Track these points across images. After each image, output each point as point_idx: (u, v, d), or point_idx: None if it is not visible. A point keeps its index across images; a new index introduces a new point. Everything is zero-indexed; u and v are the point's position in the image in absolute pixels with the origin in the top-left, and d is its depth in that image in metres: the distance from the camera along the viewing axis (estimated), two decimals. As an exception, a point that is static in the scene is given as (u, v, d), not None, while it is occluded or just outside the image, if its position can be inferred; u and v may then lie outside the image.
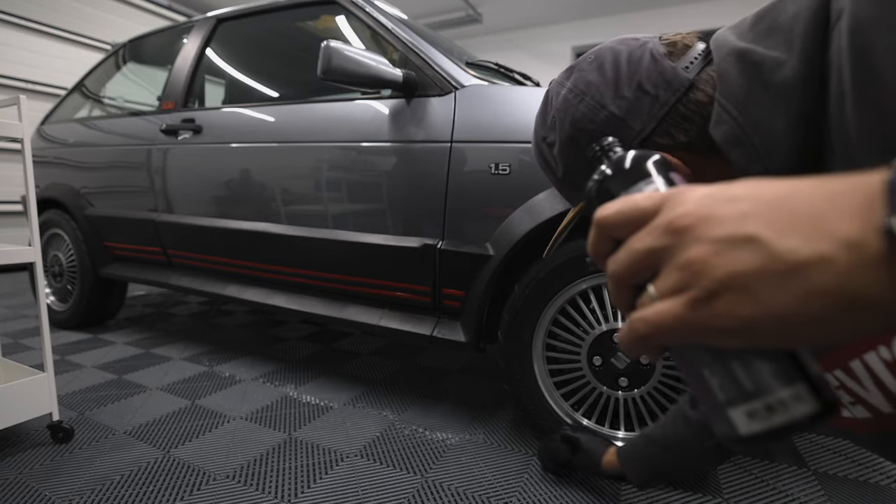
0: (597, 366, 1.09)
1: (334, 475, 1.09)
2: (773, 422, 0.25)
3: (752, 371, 0.26)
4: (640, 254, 0.26)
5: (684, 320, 0.24)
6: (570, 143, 0.51)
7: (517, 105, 1.18)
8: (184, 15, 5.22)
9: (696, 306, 0.24)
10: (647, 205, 0.27)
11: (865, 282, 0.21)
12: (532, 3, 5.15)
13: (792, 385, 0.25)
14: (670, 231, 0.25)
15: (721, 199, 0.24)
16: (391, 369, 1.78)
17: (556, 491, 1.05)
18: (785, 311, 0.22)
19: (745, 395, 0.26)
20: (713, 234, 0.24)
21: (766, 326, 0.23)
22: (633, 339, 0.26)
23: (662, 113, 0.46)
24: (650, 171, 0.33)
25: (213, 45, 1.95)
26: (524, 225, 1.12)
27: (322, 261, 1.47)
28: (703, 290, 0.24)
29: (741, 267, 0.23)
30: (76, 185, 2.18)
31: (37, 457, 1.16)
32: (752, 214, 0.23)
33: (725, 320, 0.23)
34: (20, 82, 3.90)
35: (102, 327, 2.31)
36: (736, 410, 0.26)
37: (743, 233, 0.23)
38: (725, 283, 0.23)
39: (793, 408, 0.25)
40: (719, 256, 0.23)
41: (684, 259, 0.24)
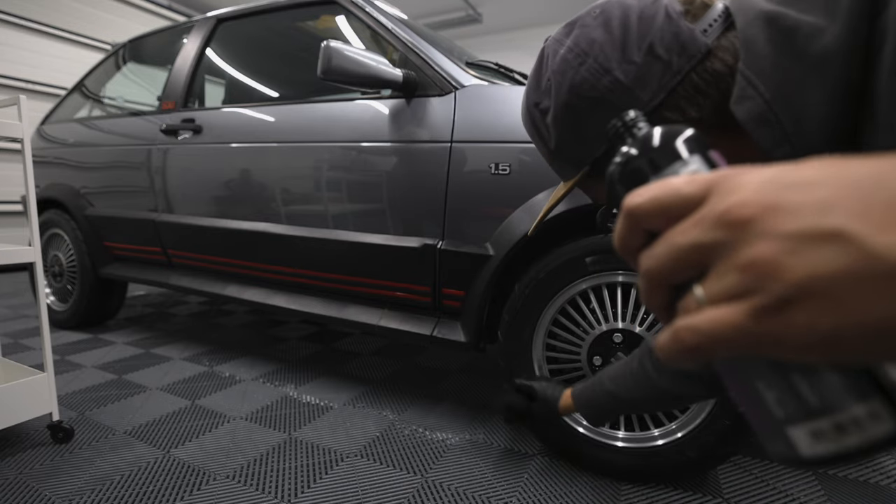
0: (597, 366, 1.09)
1: (334, 475, 1.09)
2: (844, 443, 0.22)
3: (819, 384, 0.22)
4: (685, 250, 0.22)
5: (747, 332, 0.20)
6: (567, 112, 0.45)
7: (517, 105, 1.18)
8: (184, 15, 5.22)
9: (763, 316, 0.20)
10: (690, 190, 0.23)
11: None
12: (532, 3, 5.15)
13: (867, 401, 0.22)
14: (725, 223, 0.21)
15: (791, 183, 0.20)
16: (391, 369, 1.78)
17: (556, 491, 1.05)
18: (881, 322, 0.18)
19: (809, 412, 0.22)
20: (785, 228, 0.20)
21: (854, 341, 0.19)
22: (679, 350, 0.22)
23: (675, 83, 0.40)
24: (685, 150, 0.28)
25: (213, 45, 1.95)
26: (524, 225, 1.12)
27: (322, 261, 1.47)
28: (774, 297, 0.20)
29: (825, 269, 0.19)
30: (76, 185, 2.18)
31: (37, 457, 1.16)
32: (836, 203, 0.19)
33: (802, 333, 0.19)
34: (20, 82, 3.90)
35: (102, 327, 2.31)
36: (797, 430, 0.23)
37: (826, 227, 0.19)
38: (805, 288, 0.19)
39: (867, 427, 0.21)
40: (795, 256, 0.19)
41: (747, 258, 0.20)
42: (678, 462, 1.04)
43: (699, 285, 0.22)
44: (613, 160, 0.30)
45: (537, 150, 1.17)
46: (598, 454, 1.09)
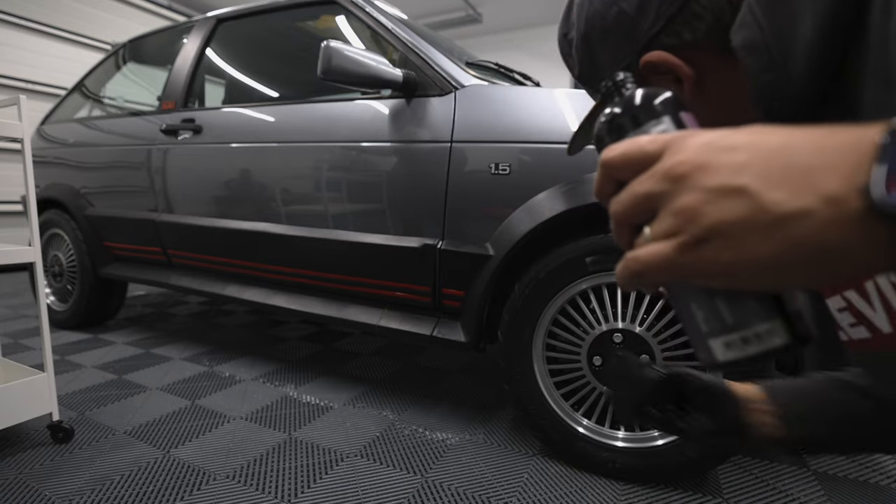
0: (597, 366, 1.09)
1: (334, 475, 1.09)
2: (746, 351, 0.29)
3: (733, 307, 0.29)
4: (640, 197, 0.28)
5: (672, 262, 0.26)
6: (584, 41, 0.49)
7: (517, 105, 1.18)
8: (184, 15, 5.22)
9: (683, 250, 0.26)
10: (651, 149, 0.28)
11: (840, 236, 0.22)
12: (532, 3, 5.15)
13: (766, 321, 0.28)
14: (669, 177, 0.27)
15: (720, 147, 0.25)
16: (391, 369, 1.78)
17: (556, 491, 1.05)
18: (765, 258, 0.24)
19: (724, 329, 0.29)
20: (707, 183, 0.25)
21: (745, 272, 0.25)
22: (627, 275, 0.29)
23: (672, 10, 0.43)
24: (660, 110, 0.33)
25: (213, 45, 1.95)
26: (524, 225, 1.12)
27: (322, 261, 1.47)
28: (692, 236, 0.25)
29: (728, 216, 0.24)
30: (76, 185, 2.18)
31: (37, 457, 1.16)
32: (747, 165, 0.24)
33: (709, 264, 0.25)
34: (20, 82, 3.90)
35: (102, 327, 2.31)
36: (715, 341, 0.30)
37: (735, 184, 0.24)
38: (713, 229, 0.25)
39: (766, 340, 0.28)
40: (709, 205, 0.25)
41: (678, 205, 0.26)
42: (678, 462, 1.04)
43: (648, 226, 0.28)
44: (602, 115, 0.35)
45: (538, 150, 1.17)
46: (599, 454, 1.09)
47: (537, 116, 1.15)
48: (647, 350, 1.04)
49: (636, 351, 1.05)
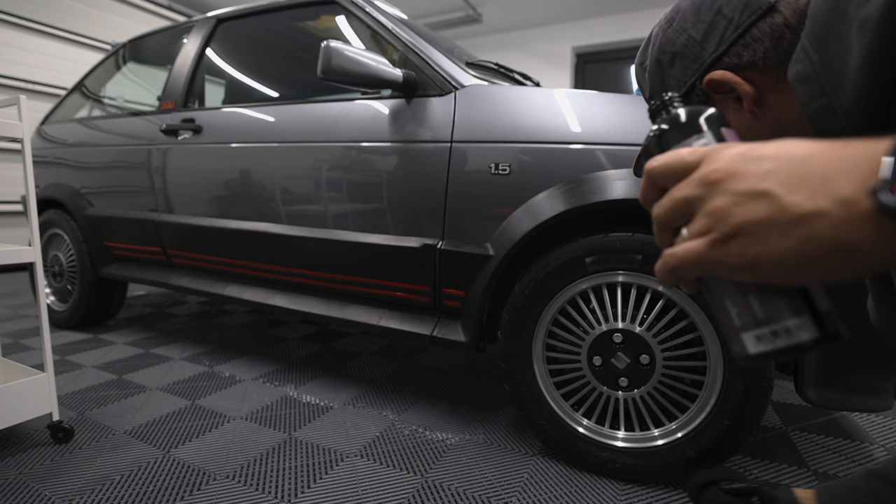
0: (597, 366, 1.09)
1: (334, 475, 1.09)
2: (776, 344, 0.31)
3: (765, 304, 0.31)
4: (678, 201, 0.32)
5: (704, 257, 0.30)
6: (657, 66, 0.55)
7: (517, 105, 1.18)
8: (184, 15, 5.22)
9: (714, 246, 0.29)
10: (691, 159, 0.32)
11: (852, 233, 0.25)
12: (532, 3, 5.15)
13: (795, 317, 0.31)
14: (704, 183, 0.30)
15: (750, 157, 0.29)
16: (391, 369, 1.78)
17: (556, 491, 1.05)
18: (786, 253, 0.27)
19: (756, 323, 0.32)
20: (736, 187, 0.29)
21: (768, 265, 0.28)
22: (665, 270, 0.32)
23: (736, 35, 0.48)
24: (702, 126, 0.37)
25: (213, 45, 1.95)
26: (524, 225, 1.12)
27: (322, 261, 1.47)
28: (721, 234, 0.29)
29: (754, 216, 0.28)
30: (76, 185, 2.18)
31: (37, 457, 1.16)
32: (773, 172, 0.28)
33: (736, 258, 0.29)
34: (20, 82, 3.90)
35: (102, 327, 2.31)
36: (748, 335, 0.32)
37: (760, 188, 0.28)
38: (740, 228, 0.28)
39: (795, 334, 0.31)
40: (738, 206, 0.28)
41: (711, 207, 0.30)
42: (678, 462, 1.04)
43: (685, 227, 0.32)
44: (650, 130, 0.40)
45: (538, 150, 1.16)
46: (599, 454, 1.10)
47: (537, 116, 1.15)
48: (647, 350, 1.04)
49: (636, 351, 1.05)
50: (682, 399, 1.05)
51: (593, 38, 5.44)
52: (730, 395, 0.98)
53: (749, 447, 1.23)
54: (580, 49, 5.64)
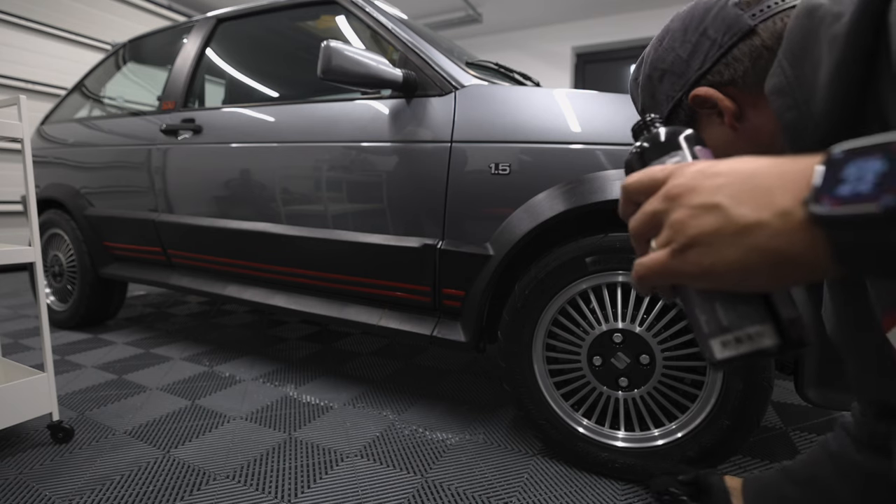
0: (597, 366, 1.09)
1: (334, 475, 1.09)
2: (739, 350, 0.33)
3: (729, 311, 0.34)
4: (648, 215, 0.35)
5: (666, 266, 0.33)
6: (647, 81, 0.59)
7: (517, 105, 1.18)
8: (184, 15, 5.22)
9: (674, 256, 0.32)
10: (660, 176, 0.35)
11: (788, 242, 0.27)
12: (532, 3, 5.15)
13: (756, 325, 0.33)
14: (667, 198, 0.33)
15: (707, 173, 0.32)
16: (391, 369, 1.78)
17: (556, 491, 1.05)
18: (734, 262, 0.29)
19: (721, 329, 0.34)
20: (693, 201, 0.31)
21: (721, 273, 0.30)
22: (636, 279, 0.35)
23: (718, 55, 0.51)
24: (678, 145, 0.40)
25: (213, 45, 1.95)
26: (524, 225, 1.12)
27: (322, 261, 1.47)
28: (680, 244, 0.32)
29: (706, 227, 0.30)
30: (76, 185, 2.18)
31: (37, 457, 1.16)
32: (724, 186, 0.30)
33: (693, 267, 0.31)
34: (20, 82, 3.90)
35: (102, 327, 2.31)
36: (714, 341, 0.35)
37: (712, 201, 0.30)
38: (695, 239, 0.31)
39: (756, 341, 0.33)
40: (693, 219, 0.31)
41: (671, 220, 0.32)
42: (678, 462, 1.04)
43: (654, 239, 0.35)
44: (632, 148, 0.43)
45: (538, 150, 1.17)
46: (599, 454, 1.09)
47: (537, 116, 1.15)
48: (647, 350, 1.04)
49: (636, 351, 1.05)
50: (682, 399, 1.05)
51: (593, 38, 5.44)
52: (730, 395, 0.98)
53: (749, 447, 1.23)
54: (580, 49, 5.64)
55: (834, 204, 0.25)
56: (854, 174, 0.25)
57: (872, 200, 0.24)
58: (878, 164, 0.25)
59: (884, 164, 0.24)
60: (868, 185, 0.25)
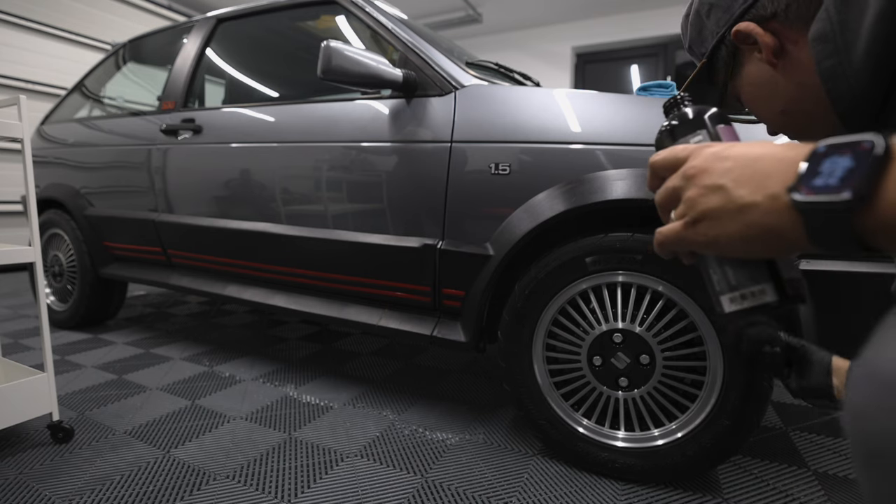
0: (597, 366, 1.09)
1: (334, 475, 1.09)
2: (743, 305, 0.40)
3: (737, 273, 0.40)
4: (669, 190, 0.40)
5: (680, 235, 0.38)
6: (696, 17, 0.59)
7: (517, 105, 1.18)
8: (184, 15, 5.22)
9: (687, 227, 0.38)
10: (682, 155, 0.40)
11: (776, 221, 0.32)
12: (532, 3, 5.15)
13: (759, 283, 0.39)
14: (685, 177, 0.38)
15: (719, 157, 0.36)
16: (391, 369, 1.78)
17: (556, 491, 1.05)
18: (734, 234, 0.34)
19: (730, 287, 0.40)
20: (704, 182, 0.36)
21: (724, 243, 0.35)
22: (656, 244, 0.41)
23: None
24: (701, 124, 0.44)
25: (213, 45, 1.95)
26: (524, 225, 1.12)
27: (322, 261, 1.47)
28: (692, 218, 0.37)
29: (713, 205, 0.35)
30: (76, 185, 2.18)
31: (37, 457, 1.16)
32: (730, 170, 0.35)
33: (702, 237, 0.37)
34: (20, 82, 3.90)
35: (102, 327, 2.31)
36: (724, 297, 0.41)
37: (718, 183, 0.35)
38: (704, 213, 0.36)
39: (759, 297, 0.39)
40: (703, 197, 0.36)
41: (686, 196, 0.37)
42: (678, 462, 1.04)
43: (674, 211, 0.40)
44: (662, 125, 0.47)
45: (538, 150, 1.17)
46: (599, 454, 1.10)
47: (537, 116, 1.15)
48: (647, 350, 1.04)
49: (636, 351, 1.05)
50: (682, 399, 1.05)
51: (593, 38, 5.44)
52: (730, 395, 0.98)
53: (749, 447, 1.24)
54: (580, 49, 5.64)
55: (808, 192, 0.30)
56: (828, 168, 0.29)
57: (836, 192, 0.28)
58: (847, 161, 0.29)
59: (851, 161, 0.28)
60: (835, 179, 0.28)
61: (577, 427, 1.12)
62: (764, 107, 0.55)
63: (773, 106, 0.53)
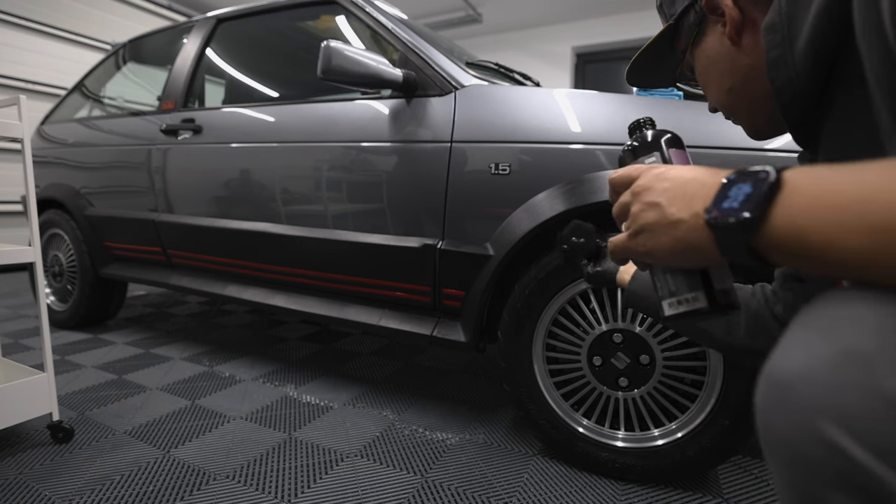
0: (597, 366, 1.09)
1: (334, 475, 1.09)
2: (679, 309, 0.45)
3: (675, 280, 0.45)
4: (621, 205, 0.45)
5: (626, 245, 0.44)
6: None
7: (517, 105, 1.18)
8: (184, 15, 5.22)
9: (630, 239, 0.43)
10: (634, 174, 0.44)
11: (696, 237, 0.36)
12: (532, 3, 5.15)
13: (693, 291, 0.44)
14: (633, 193, 0.43)
15: (660, 178, 0.41)
16: (391, 369, 1.78)
17: (556, 491, 1.05)
18: (666, 246, 0.39)
19: (669, 293, 0.46)
20: (645, 199, 0.41)
21: (658, 254, 0.40)
22: (609, 251, 0.46)
23: None
24: (656, 147, 0.49)
25: (213, 45, 1.95)
26: (524, 225, 1.12)
27: (322, 261, 1.47)
28: (633, 231, 0.42)
29: (650, 220, 0.40)
30: (76, 185, 2.18)
31: (37, 457, 1.16)
32: (667, 190, 0.40)
33: (641, 248, 0.42)
34: (20, 82, 3.90)
35: (102, 327, 2.31)
36: (664, 301, 0.46)
37: (656, 200, 0.40)
38: (643, 226, 0.41)
39: (692, 303, 0.44)
40: (643, 212, 0.41)
41: (632, 211, 0.43)
42: (678, 462, 1.04)
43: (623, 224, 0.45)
44: (626, 145, 0.52)
45: (538, 150, 1.16)
46: (599, 454, 1.10)
47: (537, 116, 1.15)
48: (646, 349, 1.04)
49: (636, 351, 1.05)
50: (682, 399, 1.05)
51: (593, 38, 5.44)
52: (730, 395, 0.98)
53: (749, 447, 1.24)
54: (580, 49, 5.64)
55: (717, 214, 0.34)
56: (734, 193, 0.34)
57: (737, 213, 0.32)
58: (748, 188, 0.33)
59: (750, 188, 0.33)
60: (738, 202, 0.33)
61: (576, 427, 1.12)
62: (714, 81, 0.56)
63: (723, 82, 0.54)
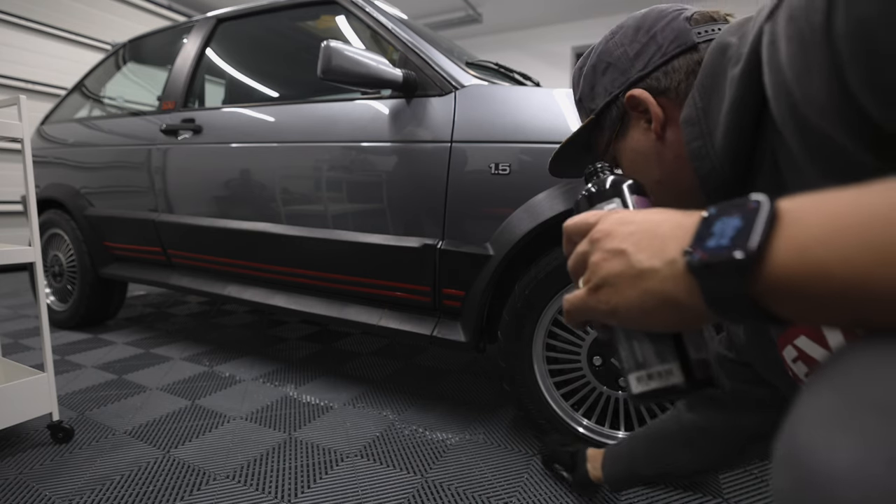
0: (597, 366, 1.09)
1: (334, 475, 1.09)
2: (650, 386, 0.36)
3: (643, 349, 0.37)
4: (578, 255, 0.38)
5: (585, 302, 0.36)
6: (592, 71, 0.60)
7: (517, 105, 1.18)
8: (184, 15, 5.22)
9: (590, 294, 0.35)
10: (592, 220, 0.38)
11: (673, 288, 0.30)
12: (532, 3, 5.15)
13: (666, 363, 0.36)
14: (591, 241, 0.36)
15: (622, 222, 0.35)
16: (391, 369, 1.78)
17: (557, 491, 1.05)
18: (632, 302, 0.32)
19: (636, 366, 0.37)
20: (607, 245, 0.35)
21: (623, 312, 0.33)
22: (565, 313, 0.39)
23: (661, 61, 0.53)
24: (616, 193, 0.44)
25: (213, 45, 1.95)
26: (524, 225, 1.12)
27: (322, 261, 1.47)
28: (594, 284, 0.35)
29: (613, 270, 0.33)
30: (76, 185, 2.18)
31: (37, 457, 1.16)
32: (632, 234, 0.33)
33: (603, 305, 0.34)
34: (20, 82, 3.90)
35: (102, 327, 2.31)
36: (631, 375, 0.38)
37: (620, 247, 0.33)
38: (605, 279, 0.34)
39: (665, 378, 0.35)
40: (605, 262, 0.34)
41: (591, 261, 0.36)
42: None
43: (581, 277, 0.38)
44: (582, 192, 0.47)
45: (538, 150, 1.17)
46: (598, 454, 1.09)
47: (537, 116, 1.15)
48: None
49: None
50: (682, 399, 1.05)
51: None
52: (730, 395, 0.98)
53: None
54: (580, 49, 5.64)
55: (702, 254, 0.28)
56: (719, 229, 0.28)
57: (728, 252, 0.27)
58: (737, 221, 0.28)
59: (740, 221, 0.28)
60: (727, 239, 0.27)
61: (577, 427, 1.12)
62: (642, 173, 0.55)
63: (651, 174, 0.54)
